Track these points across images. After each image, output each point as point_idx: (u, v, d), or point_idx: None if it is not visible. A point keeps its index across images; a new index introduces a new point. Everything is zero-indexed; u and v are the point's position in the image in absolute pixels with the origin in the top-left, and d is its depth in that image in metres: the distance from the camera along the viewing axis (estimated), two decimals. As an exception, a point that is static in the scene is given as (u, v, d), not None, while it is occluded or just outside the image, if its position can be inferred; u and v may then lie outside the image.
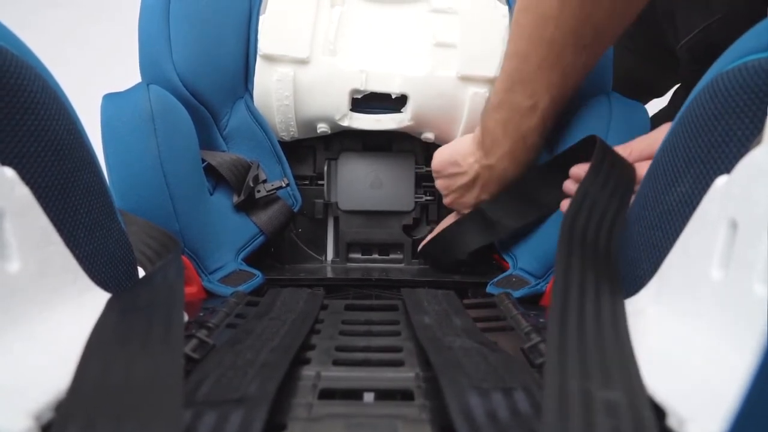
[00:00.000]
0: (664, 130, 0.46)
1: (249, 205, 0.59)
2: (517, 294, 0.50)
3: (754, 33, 0.30)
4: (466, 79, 0.59)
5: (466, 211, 0.60)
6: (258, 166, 0.59)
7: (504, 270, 0.58)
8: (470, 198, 0.58)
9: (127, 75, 0.63)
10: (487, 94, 0.59)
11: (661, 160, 0.35)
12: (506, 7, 0.59)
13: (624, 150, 0.47)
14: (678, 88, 0.81)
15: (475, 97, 0.59)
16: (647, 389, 0.24)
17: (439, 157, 0.59)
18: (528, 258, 0.57)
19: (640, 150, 0.46)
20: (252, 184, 0.58)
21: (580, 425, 0.21)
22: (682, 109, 0.34)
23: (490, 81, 0.59)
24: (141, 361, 0.25)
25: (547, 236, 0.56)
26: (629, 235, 0.37)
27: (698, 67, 0.36)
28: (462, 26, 0.59)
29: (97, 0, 1.60)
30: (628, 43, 0.80)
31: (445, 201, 0.62)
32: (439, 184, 0.61)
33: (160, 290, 0.33)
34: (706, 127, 0.31)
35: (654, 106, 0.83)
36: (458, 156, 0.57)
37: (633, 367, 0.25)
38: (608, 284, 0.32)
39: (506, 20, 0.59)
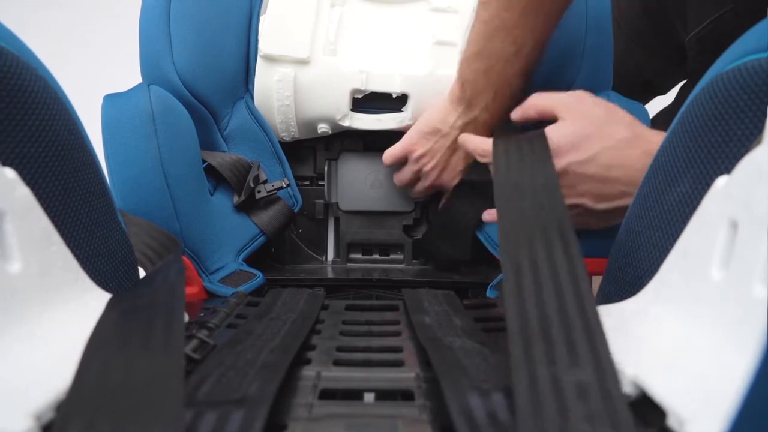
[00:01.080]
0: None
1: (249, 206, 0.59)
2: None
3: (753, 33, 0.30)
4: (467, 79, 0.59)
5: (454, 183, 0.59)
6: (258, 166, 0.59)
7: None
8: (458, 160, 0.58)
9: (128, 75, 0.63)
10: None
11: (661, 159, 0.35)
12: None
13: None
14: (685, 83, 0.82)
15: None
16: (620, 367, 0.24)
17: (415, 134, 0.58)
18: None
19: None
20: (252, 185, 0.58)
21: (554, 416, 0.21)
22: (682, 109, 0.34)
23: None
24: (141, 361, 0.25)
25: None
26: (629, 235, 0.37)
27: (707, 59, 0.36)
28: (462, 25, 0.59)
29: (98, 0, 1.60)
30: (636, 39, 0.80)
31: (428, 180, 0.59)
32: (421, 163, 0.59)
33: (160, 290, 0.33)
34: (706, 127, 0.31)
35: (656, 105, 0.83)
36: (436, 123, 0.57)
37: (600, 341, 0.25)
38: (564, 255, 0.30)
39: (506, 20, 0.59)
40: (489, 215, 0.55)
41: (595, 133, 0.45)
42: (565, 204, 0.35)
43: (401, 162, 0.61)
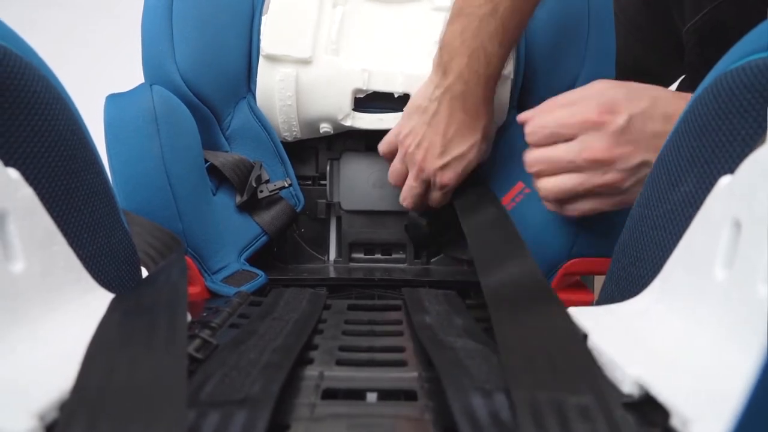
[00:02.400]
0: None
1: (252, 205, 0.59)
2: None
3: (757, 32, 0.30)
4: (469, 78, 0.59)
5: (436, 165, 0.54)
6: (261, 166, 0.59)
7: None
8: (436, 135, 0.53)
9: (129, 75, 0.63)
10: None
11: (665, 159, 0.35)
12: None
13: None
14: (684, 78, 0.82)
15: None
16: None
17: (402, 117, 0.56)
18: None
19: None
20: (255, 185, 0.58)
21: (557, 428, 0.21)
22: (685, 108, 0.34)
23: None
24: (144, 361, 0.25)
25: (545, 235, 0.56)
26: (632, 234, 0.37)
27: (704, 51, 0.35)
28: None
29: (100, 0, 1.61)
30: (635, 33, 0.80)
31: (415, 166, 0.55)
32: (405, 145, 0.55)
33: (163, 290, 0.33)
34: (710, 126, 0.31)
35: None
36: (418, 98, 0.55)
37: (596, 370, 0.25)
38: (536, 289, 0.35)
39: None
40: None
41: (639, 88, 0.42)
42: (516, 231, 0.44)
43: (394, 150, 0.59)
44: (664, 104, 0.41)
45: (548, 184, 0.45)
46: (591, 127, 0.41)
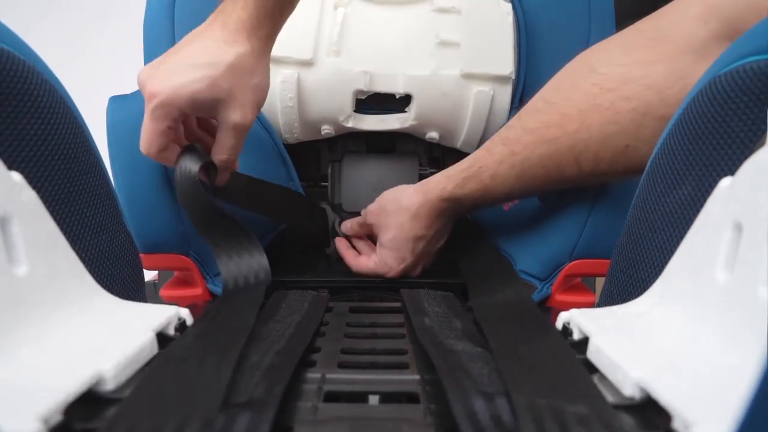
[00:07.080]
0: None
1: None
2: None
3: (751, 35, 0.30)
4: (470, 77, 0.59)
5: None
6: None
7: None
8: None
9: (132, 77, 0.63)
10: (492, 92, 0.59)
11: (660, 162, 0.35)
12: (509, 5, 0.59)
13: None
14: None
15: (479, 95, 0.59)
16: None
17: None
18: (529, 260, 0.56)
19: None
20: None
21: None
22: (678, 111, 0.34)
23: (494, 78, 0.59)
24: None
25: (547, 236, 0.56)
26: (631, 237, 0.37)
27: None
28: (465, 25, 0.59)
29: (103, 2, 1.61)
30: None
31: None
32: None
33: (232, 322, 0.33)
34: (706, 129, 0.31)
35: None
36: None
37: (589, 381, 0.25)
38: (525, 309, 0.38)
39: (510, 18, 0.59)
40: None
41: (401, 236, 0.56)
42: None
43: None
44: (415, 232, 0.56)
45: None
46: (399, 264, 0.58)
